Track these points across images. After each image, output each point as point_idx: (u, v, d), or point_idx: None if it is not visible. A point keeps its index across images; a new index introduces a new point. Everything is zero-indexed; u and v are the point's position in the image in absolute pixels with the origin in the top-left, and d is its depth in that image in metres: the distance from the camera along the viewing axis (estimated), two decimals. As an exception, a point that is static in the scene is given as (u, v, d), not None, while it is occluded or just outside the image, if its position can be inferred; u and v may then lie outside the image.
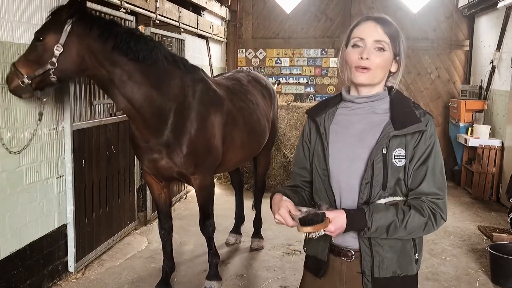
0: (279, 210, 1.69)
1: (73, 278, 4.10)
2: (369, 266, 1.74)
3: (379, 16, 1.77)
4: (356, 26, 1.77)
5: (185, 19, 6.54)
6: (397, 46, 1.76)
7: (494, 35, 7.38)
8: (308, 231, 1.61)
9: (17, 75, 3.14)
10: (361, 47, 1.73)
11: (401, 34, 1.79)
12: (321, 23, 8.82)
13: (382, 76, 1.77)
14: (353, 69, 1.74)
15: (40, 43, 3.12)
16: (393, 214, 1.66)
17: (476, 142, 7.06)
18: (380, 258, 1.73)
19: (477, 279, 4.30)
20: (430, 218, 1.69)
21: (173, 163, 3.53)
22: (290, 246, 4.93)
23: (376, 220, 1.65)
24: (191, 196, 6.80)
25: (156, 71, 3.34)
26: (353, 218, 1.65)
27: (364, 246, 1.75)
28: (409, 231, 1.68)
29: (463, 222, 5.95)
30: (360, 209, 1.68)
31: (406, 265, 1.77)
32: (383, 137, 1.71)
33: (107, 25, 3.21)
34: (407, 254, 1.77)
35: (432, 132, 1.74)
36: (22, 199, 3.53)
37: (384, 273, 1.74)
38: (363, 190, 1.72)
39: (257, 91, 4.52)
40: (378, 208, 1.67)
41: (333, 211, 1.66)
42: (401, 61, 1.79)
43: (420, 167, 1.71)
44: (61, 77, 3.21)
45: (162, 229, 3.88)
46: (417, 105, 1.82)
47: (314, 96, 8.85)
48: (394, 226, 1.66)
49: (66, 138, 3.97)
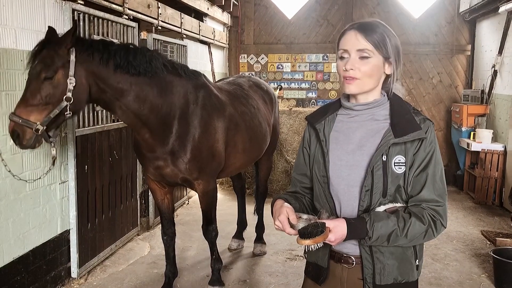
0: (278, 217, 1.69)
1: (76, 283, 4.10)
2: (370, 273, 1.74)
3: (361, 24, 1.75)
4: (341, 37, 1.77)
5: (187, 25, 6.57)
6: (384, 48, 1.72)
7: (495, 40, 7.38)
8: (307, 243, 1.60)
9: (27, 125, 2.82)
10: (346, 58, 1.73)
11: (390, 34, 1.75)
12: (323, 28, 8.84)
13: (373, 82, 1.75)
14: (342, 80, 1.76)
15: (49, 81, 2.86)
16: (394, 223, 1.66)
17: (479, 147, 7.05)
18: (381, 265, 1.73)
19: (481, 284, 4.28)
20: (430, 225, 1.68)
21: (178, 169, 3.54)
22: (292, 252, 4.92)
23: (377, 229, 1.64)
24: (194, 201, 6.81)
25: (159, 81, 3.33)
26: (354, 227, 1.65)
27: (365, 253, 1.74)
28: (410, 239, 1.68)
29: (466, 226, 5.93)
30: (361, 218, 1.67)
31: (407, 272, 1.76)
32: (383, 144, 1.70)
33: (104, 47, 3.08)
34: (408, 261, 1.76)
35: (432, 139, 1.72)
36: (25, 205, 3.55)
37: (386, 280, 1.73)
38: (363, 198, 1.71)
39: (258, 96, 4.54)
40: (379, 216, 1.67)
41: (334, 220, 1.65)
42: (394, 61, 1.76)
43: (420, 174, 1.71)
44: (76, 110, 3.05)
45: (165, 234, 3.89)
46: (417, 111, 1.81)
47: (316, 101, 8.86)
48: (395, 234, 1.66)
49: (69, 144, 3.98)
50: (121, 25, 4.79)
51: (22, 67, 3.42)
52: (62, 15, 3.84)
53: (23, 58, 3.40)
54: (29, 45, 3.46)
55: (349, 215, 1.75)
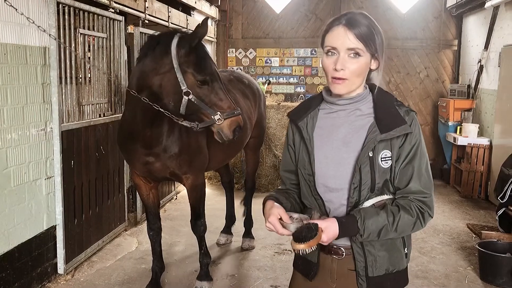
0: (269, 218, 1.67)
1: (63, 280, 4.07)
2: (362, 266, 1.74)
3: (349, 18, 1.66)
4: (328, 32, 1.69)
5: (174, 19, 6.52)
6: (372, 45, 1.66)
7: (482, 35, 7.45)
8: (302, 247, 1.58)
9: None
10: (335, 55, 1.66)
11: (377, 29, 1.69)
12: (311, 23, 8.84)
13: (360, 80, 1.72)
14: (329, 79, 1.69)
15: None
16: (384, 219, 1.66)
17: (465, 141, 7.12)
18: (373, 257, 1.74)
19: (466, 276, 4.33)
20: (418, 217, 1.69)
21: (168, 164, 3.53)
22: (281, 246, 4.93)
23: (367, 226, 1.65)
24: (182, 196, 6.78)
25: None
26: (346, 226, 1.65)
27: (356, 247, 1.74)
28: (400, 232, 1.70)
29: (452, 220, 6.00)
30: (352, 216, 1.67)
31: (398, 261, 1.78)
32: (370, 141, 1.68)
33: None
34: (398, 250, 1.78)
35: (417, 131, 1.71)
36: (10, 200, 3.50)
37: (378, 271, 1.74)
38: (352, 194, 1.71)
39: (237, 90, 4.52)
40: (369, 213, 1.66)
41: (325, 221, 1.64)
42: (380, 56, 1.71)
43: (407, 167, 1.70)
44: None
45: (151, 230, 3.87)
46: (400, 102, 1.77)
47: (305, 96, 8.86)
48: (386, 230, 1.66)
49: (55, 139, 3.93)
50: (107, 19, 4.73)
51: (6, 60, 3.36)
52: (47, 8, 3.78)
53: (6, 51, 3.34)
54: (11, 38, 3.40)
55: (338, 212, 1.74)
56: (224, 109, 3.14)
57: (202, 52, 3.16)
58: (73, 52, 4.13)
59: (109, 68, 4.88)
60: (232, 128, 3.15)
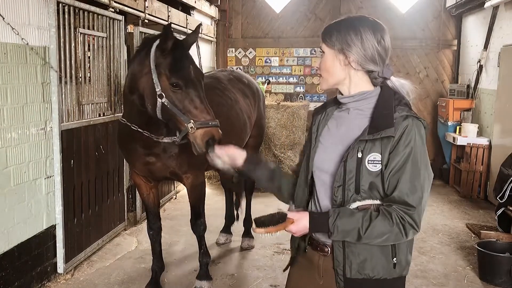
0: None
1: (62, 279, 4.07)
2: (341, 265, 1.73)
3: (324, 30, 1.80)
4: None
5: (174, 19, 6.52)
6: (329, 40, 1.74)
7: (481, 35, 7.45)
8: (260, 232, 1.70)
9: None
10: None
11: (345, 24, 1.73)
12: (311, 22, 8.84)
13: (334, 76, 1.76)
14: None
15: None
16: (357, 221, 1.62)
17: (464, 141, 7.13)
18: (353, 258, 1.71)
19: (465, 276, 4.34)
20: (398, 227, 1.61)
21: (168, 164, 3.53)
22: (280, 245, 4.94)
23: (338, 226, 1.63)
24: (181, 196, 6.78)
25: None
26: (316, 221, 1.69)
27: (337, 245, 1.73)
28: (374, 238, 1.63)
29: (452, 220, 6.01)
30: (325, 214, 1.68)
31: (382, 269, 1.71)
32: (356, 140, 1.68)
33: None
34: (383, 258, 1.71)
35: (411, 138, 1.62)
36: (9, 200, 3.50)
37: (356, 274, 1.71)
38: (336, 193, 1.71)
39: (237, 89, 4.52)
40: (345, 213, 1.65)
41: (298, 213, 1.73)
42: (350, 50, 1.70)
43: (395, 175, 1.63)
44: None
45: (151, 229, 3.87)
46: (406, 107, 1.73)
47: (304, 96, 8.87)
48: (357, 232, 1.62)
49: (55, 139, 3.93)
50: (107, 18, 4.73)
51: (5, 60, 3.36)
52: (47, 7, 3.78)
53: (6, 51, 3.34)
54: (11, 38, 3.40)
55: (325, 208, 1.76)
56: (197, 117, 2.93)
57: (179, 54, 3.06)
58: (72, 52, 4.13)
59: (108, 67, 4.88)
60: (205, 139, 2.85)
